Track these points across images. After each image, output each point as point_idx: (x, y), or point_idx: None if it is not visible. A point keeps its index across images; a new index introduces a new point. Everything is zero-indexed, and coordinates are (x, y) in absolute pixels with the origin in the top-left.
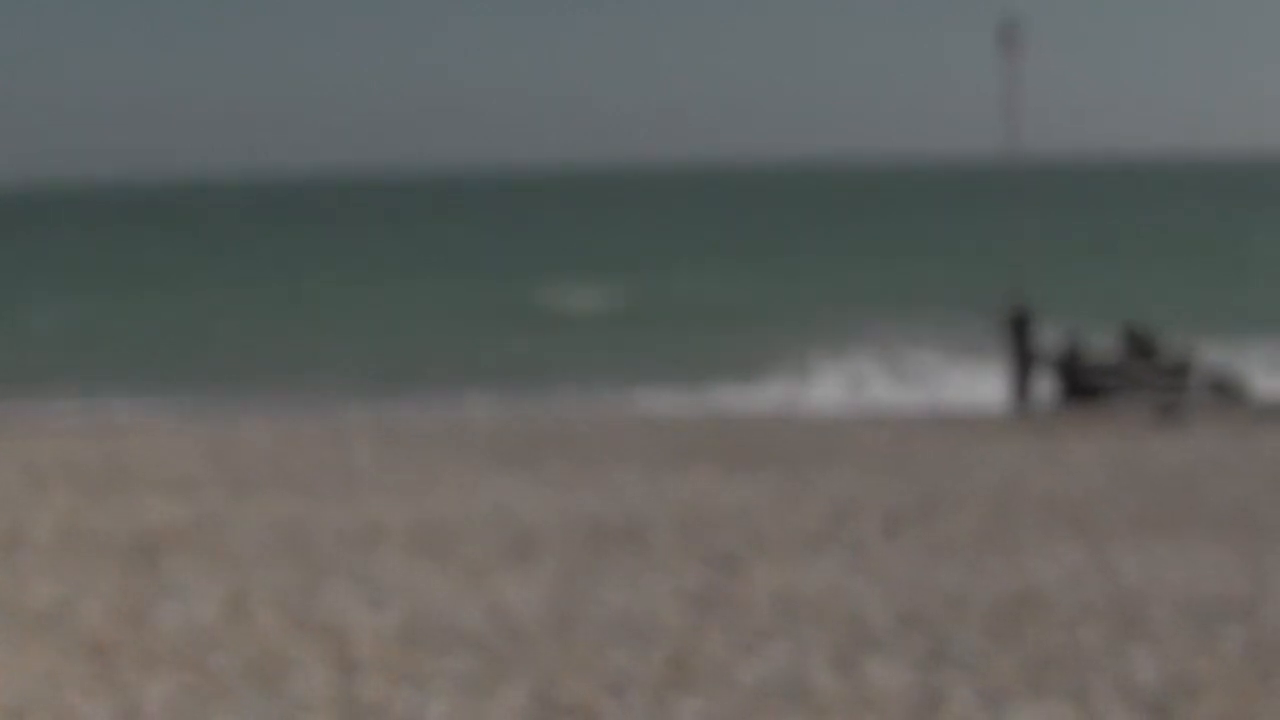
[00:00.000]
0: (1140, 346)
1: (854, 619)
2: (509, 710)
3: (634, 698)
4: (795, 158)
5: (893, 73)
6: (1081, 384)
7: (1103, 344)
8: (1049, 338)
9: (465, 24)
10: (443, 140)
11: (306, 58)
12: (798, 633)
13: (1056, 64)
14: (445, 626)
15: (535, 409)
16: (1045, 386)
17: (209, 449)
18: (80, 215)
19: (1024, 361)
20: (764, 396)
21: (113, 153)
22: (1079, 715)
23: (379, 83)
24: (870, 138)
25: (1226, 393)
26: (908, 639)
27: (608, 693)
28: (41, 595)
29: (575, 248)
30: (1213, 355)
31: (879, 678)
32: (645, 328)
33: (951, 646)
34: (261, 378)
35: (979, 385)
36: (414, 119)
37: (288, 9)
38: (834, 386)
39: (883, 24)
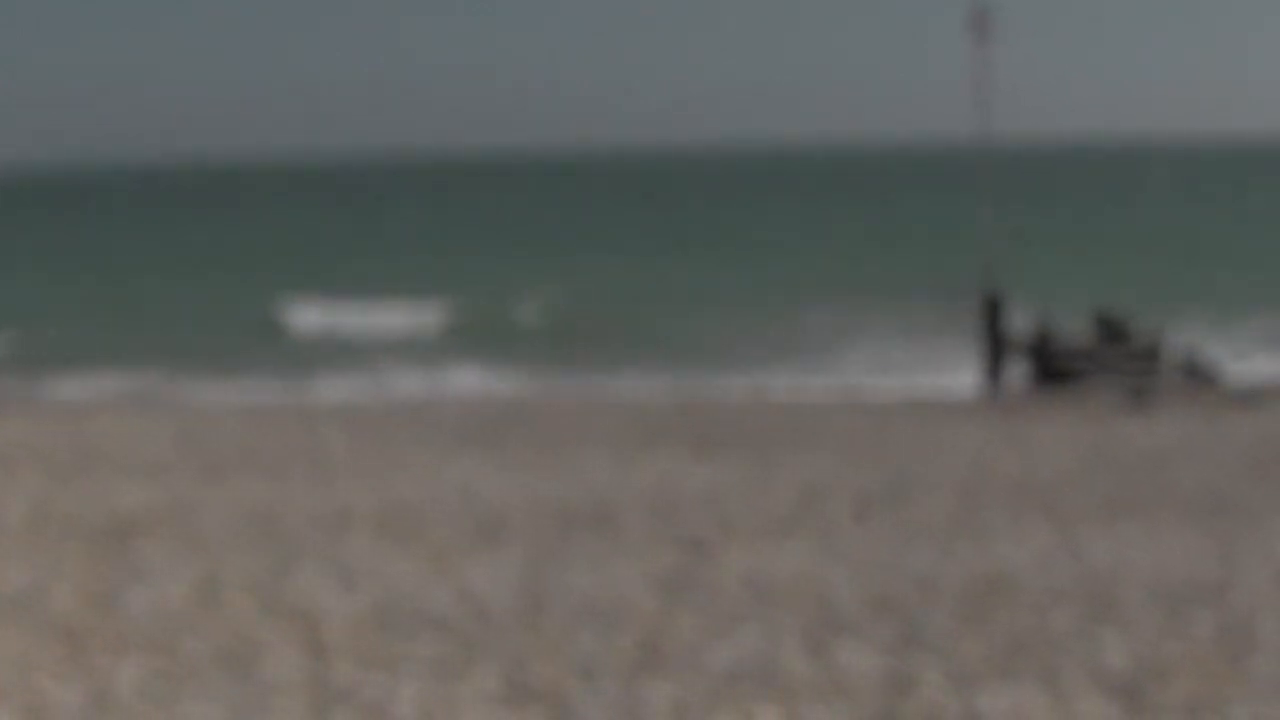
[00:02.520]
0: (1111, 331)
1: (824, 602)
2: (479, 694)
3: (604, 681)
4: (763, 143)
5: (864, 58)
6: (1053, 368)
7: (1074, 328)
8: (1020, 322)
9: (442, 12)
10: (414, 127)
11: (276, 45)
12: (768, 616)
13: (1029, 49)
14: (415, 610)
15: (503, 392)
16: (1016, 371)
17: (178, 432)
18: (28, 202)
19: (995, 346)
20: (733, 380)
21: (75, 139)
22: (1049, 698)
23: (353, 71)
24: (840, 123)
25: (1197, 377)
26: (878, 622)
27: (577, 676)
28: (12, 580)
29: (549, 232)
30: (1183, 339)
31: (849, 661)
32: (607, 315)
33: (922, 630)
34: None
35: (950, 369)
36: (386, 106)
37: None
38: (804, 370)
39: (854, 8)
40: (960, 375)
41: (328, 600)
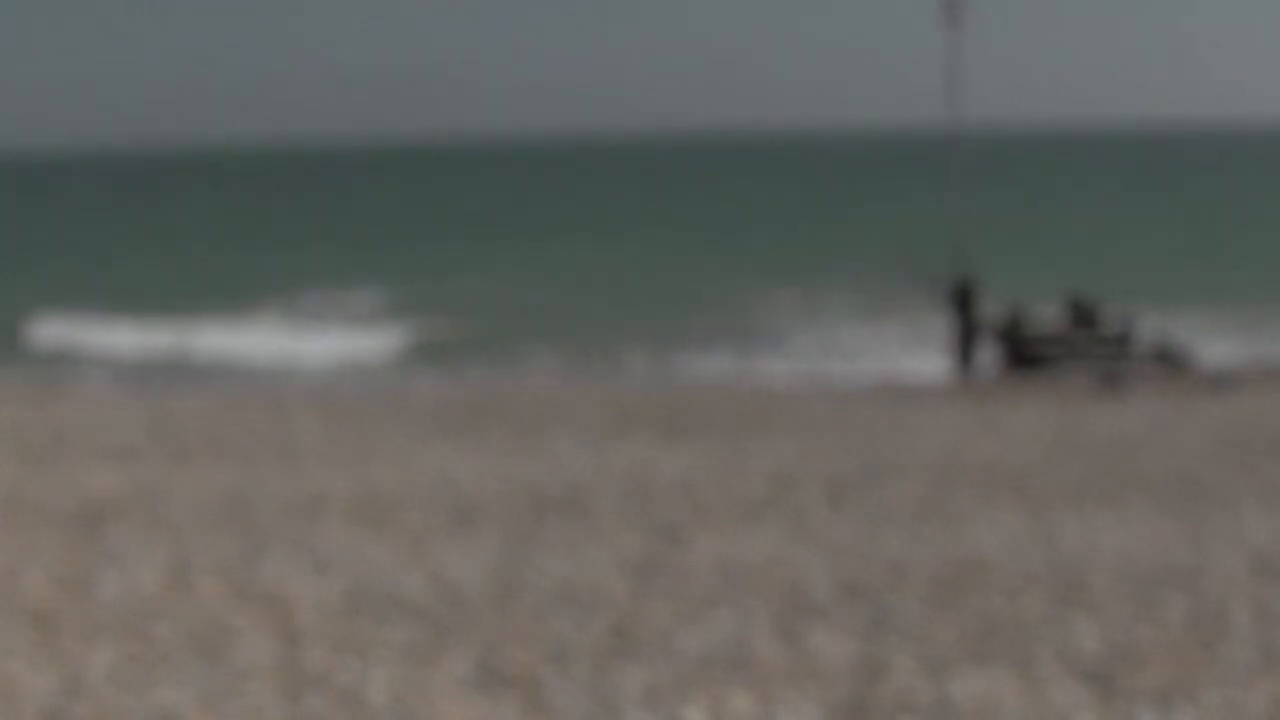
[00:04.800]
0: (1082, 316)
1: (796, 588)
2: (451, 679)
3: (576, 666)
4: (730, 130)
5: (837, 42)
6: (1024, 353)
7: (1045, 314)
8: (991, 307)
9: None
10: (326, 115)
11: (181, 33)
12: (740, 601)
13: (1005, 33)
14: (387, 596)
15: (476, 378)
16: (988, 356)
17: (149, 418)
18: None
19: (967, 331)
20: (705, 366)
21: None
22: (1021, 683)
23: (261, 57)
24: (812, 108)
25: (1169, 362)
26: (850, 607)
27: (550, 661)
28: None
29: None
30: (1154, 324)
31: (821, 646)
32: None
33: (893, 615)
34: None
35: (922, 355)
36: (294, 93)
37: None
38: (776, 355)
39: None
40: (931, 360)
41: (300, 585)
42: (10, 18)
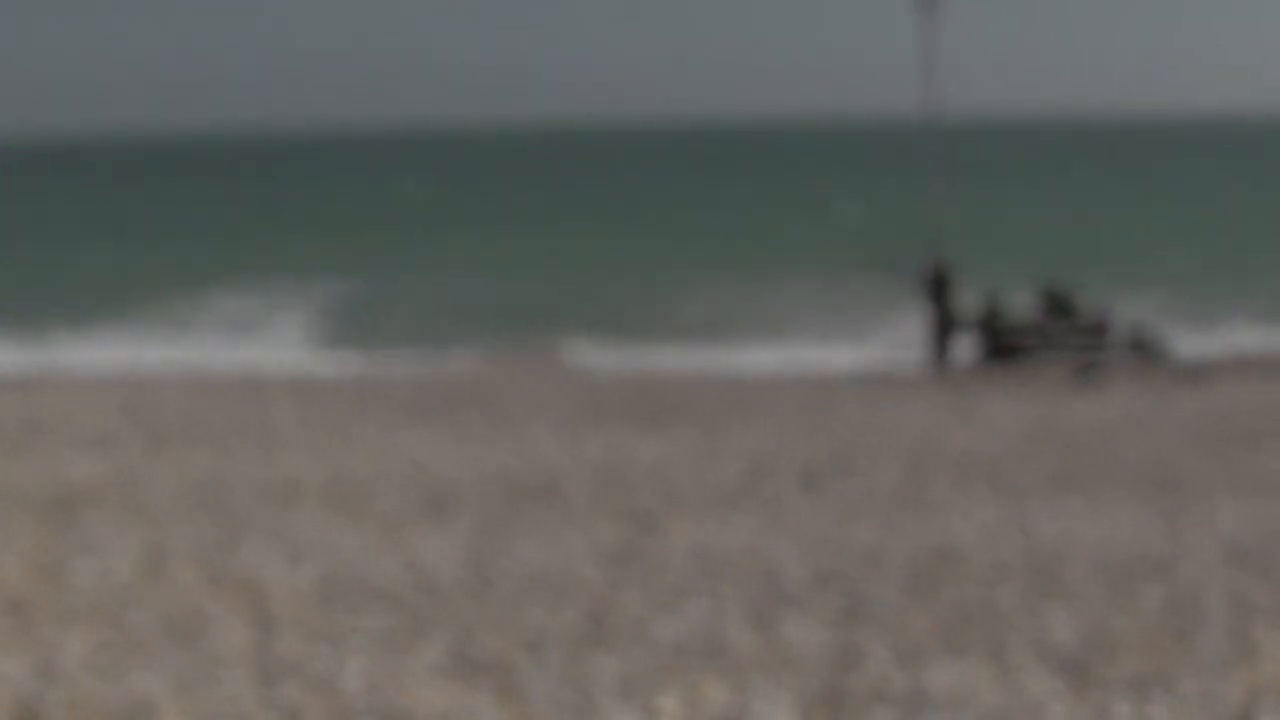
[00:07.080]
0: (1059, 306)
1: (771, 576)
2: (426, 667)
3: (550, 654)
4: (706, 120)
5: (817, 28)
6: (1000, 343)
7: (1022, 304)
8: (968, 297)
9: None
10: (285, 103)
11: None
12: (714, 590)
13: (983, 21)
14: (362, 583)
15: (454, 363)
16: (964, 345)
17: (124, 404)
18: None
19: (943, 320)
20: (680, 354)
21: None
22: (996, 673)
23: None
24: (787, 98)
25: (1144, 352)
26: (824, 596)
27: (524, 649)
28: None
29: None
30: (1130, 315)
31: (795, 635)
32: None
33: (868, 604)
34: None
35: (898, 344)
36: (253, 82)
37: None
38: (750, 343)
39: None
40: (908, 350)
41: (274, 572)
42: None
